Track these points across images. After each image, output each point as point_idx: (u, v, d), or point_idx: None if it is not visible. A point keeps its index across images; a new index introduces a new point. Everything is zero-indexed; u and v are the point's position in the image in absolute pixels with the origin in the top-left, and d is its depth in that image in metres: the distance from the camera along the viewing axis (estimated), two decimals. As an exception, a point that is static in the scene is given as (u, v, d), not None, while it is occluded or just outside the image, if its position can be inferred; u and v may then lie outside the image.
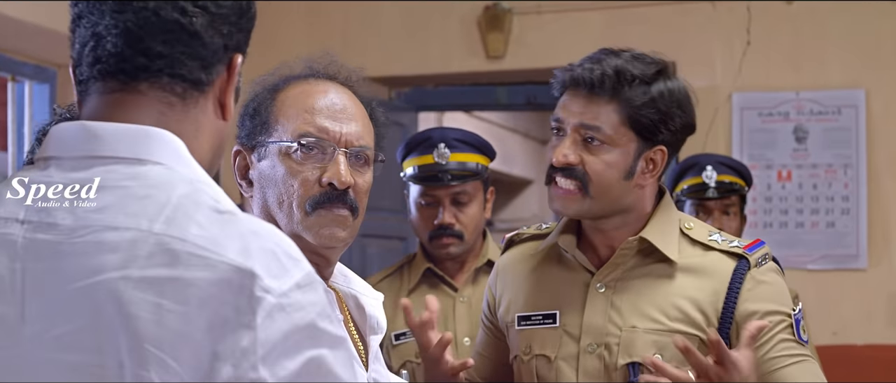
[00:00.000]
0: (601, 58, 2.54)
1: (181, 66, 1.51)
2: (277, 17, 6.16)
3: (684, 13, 5.88)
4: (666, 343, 2.51)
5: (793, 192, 5.81)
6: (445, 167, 3.71)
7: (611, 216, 2.57)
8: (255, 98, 2.18)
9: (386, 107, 6.66)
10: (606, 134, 2.50)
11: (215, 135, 1.58)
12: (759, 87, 5.81)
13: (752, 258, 2.54)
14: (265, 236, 1.42)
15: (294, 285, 1.39)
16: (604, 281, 2.59)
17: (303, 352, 1.37)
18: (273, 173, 2.14)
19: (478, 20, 6.08)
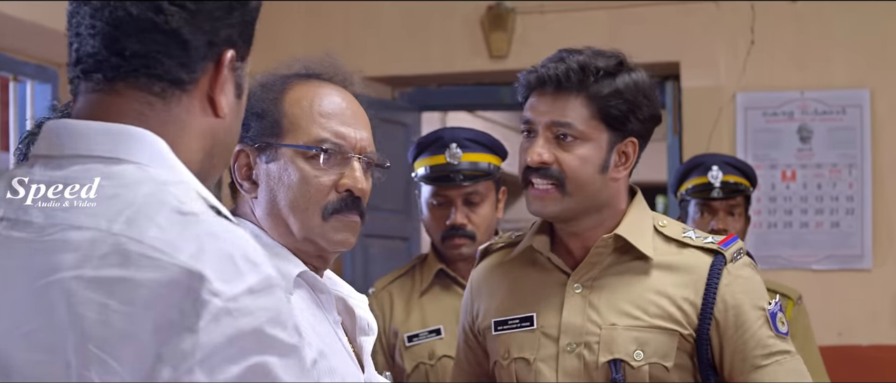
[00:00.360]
0: (563, 56, 2.57)
1: (158, 65, 1.50)
2: (278, 17, 6.16)
3: (688, 13, 5.87)
4: (647, 339, 2.53)
5: (797, 192, 5.81)
6: (457, 167, 3.70)
7: (587, 214, 2.59)
8: (259, 98, 2.16)
9: (388, 108, 6.68)
10: (578, 129, 2.53)
11: (206, 133, 1.56)
12: (764, 87, 5.81)
13: (727, 253, 2.56)
14: (224, 239, 1.40)
15: (246, 290, 1.37)
16: (580, 280, 2.61)
17: (248, 358, 1.35)
18: (286, 176, 2.13)
19: (481, 20, 6.08)
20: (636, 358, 2.53)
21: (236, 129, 1.63)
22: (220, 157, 1.61)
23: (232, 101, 1.59)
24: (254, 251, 1.41)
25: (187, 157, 1.53)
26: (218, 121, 1.57)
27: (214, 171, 1.62)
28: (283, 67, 2.22)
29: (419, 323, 3.76)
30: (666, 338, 2.53)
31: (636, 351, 2.53)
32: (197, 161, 1.55)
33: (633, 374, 2.53)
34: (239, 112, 1.62)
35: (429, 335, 3.73)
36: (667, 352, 2.53)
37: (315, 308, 2.14)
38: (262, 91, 2.16)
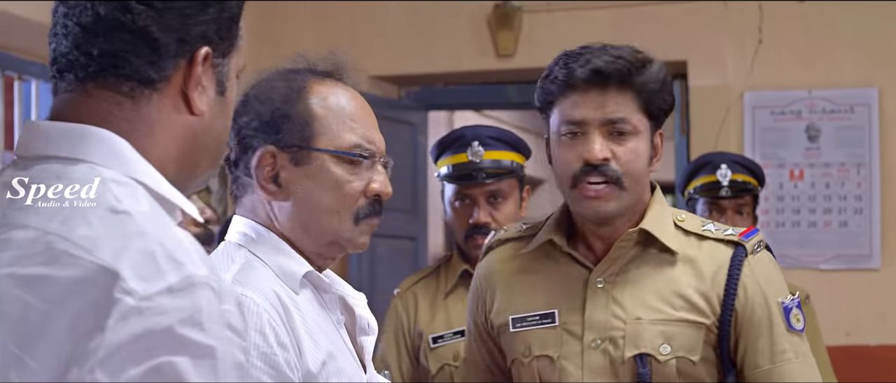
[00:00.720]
0: (595, 52, 2.54)
1: (126, 64, 1.50)
2: (284, 17, 6.17)
3: (695, 11, 5.87)
4: (673, 332, 2.51)
5: (805, 192, 5.80)
6: (480, 165, 3.68)
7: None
8: (283, 100, 2.14)
9: (395, 107, 6.68)
10: (631, 123, 2.51)
11: (181, 132, 1.56)
12: (771, 86, 5.80)
13: (748, 245, 2.55)
14: (151, 237, 1.39)
15: (164, 288, 1.35)
16: (603, 275, 2.58)
17: (154, 358, 1.32)
18: (320, 180, 2.13)
19: (488, 18, 6.08)
20: (663, 352, 2.51)
21: (221, 127, 1.62)
22: (204, 155, 1.61)
23: (212, 99, 1.58)
24: (180, 250, 1.39)
25: (159, 156, 1.53)
26: (196, 119, 1.57)
27: (199, 170, 1.62)
28: (287, 63, 2.21)
29: (444, 324, 3.74)
30: (693, 331, 2.52)
31: (663, 345, 2.51)
32: (172, 159, 1.55)
33: (659, 369, 2.51)
34: (224, 109, 1.62)
35: (454, 336, 3.70)
36: (693, 346, 2.52)
37: (320, 308, 2.14)
38: (283, 91, 2.14)
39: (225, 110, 1.62)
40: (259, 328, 1.96)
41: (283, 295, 2.04)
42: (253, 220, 2.16)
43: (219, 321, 1.38)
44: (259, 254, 2.11)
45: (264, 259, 2.10)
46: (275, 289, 2.03)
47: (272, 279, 2.06)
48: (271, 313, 1.98)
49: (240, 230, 2.16)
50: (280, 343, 1.97)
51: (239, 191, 2.19)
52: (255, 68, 2.22)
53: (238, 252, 2.12)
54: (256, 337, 1.95)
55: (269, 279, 2.06)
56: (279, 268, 2.09)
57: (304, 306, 2.07)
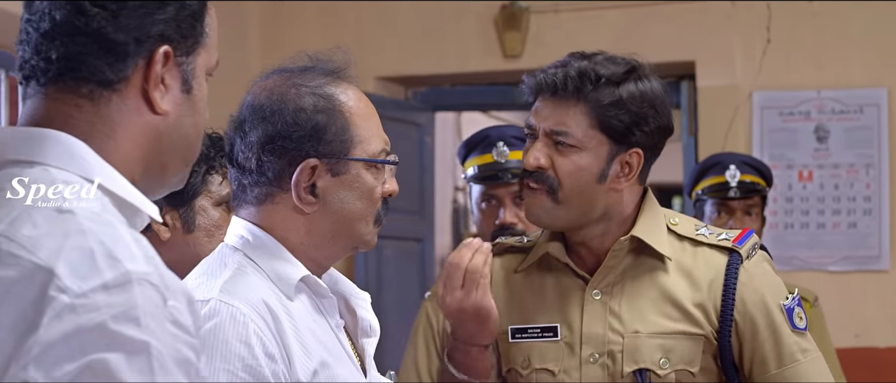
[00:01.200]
0: (568, 61, 2.53)
1: (83, 67, 1.52)
2: (290, 18, 6.17)
3: (704, 11, 5.87)
4: (672, 346, 2.50)
5: (814, 193, 5.79)
6: (505, 165, 3.68)
7: (588, 224, 2.55)
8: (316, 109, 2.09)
9: (402, 108, 6.68)
10: (575, 137, 2.48)
11: (144, 132, 1.57)
12: (780, 86, 5.80)
13: (743, 251, 2.53)
14: (91, 235, 1.39)
15: (99, 286, 1.35)
16: (599, 287, 2.56)
17: (87, 355, 1.32)
18: (355, 188, 2.11)
19: (495, 19, 6.08)
20: (662, 366, 2.50)
21: (190, 125, 1.62)
22: (172, 155, 1.62)
23: (177, 97, 1.59)
24: (124, 248, 1.40)
25: (122, 157, 1.54)
26: (159, 119, 1.57)
27: (168, 169, 1.63)
28: (291, 62, 2.19)
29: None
30: (691, 344, 2.50)
31: (662, 360, 2.49)
32: (136, 159, 1.56)
33: (659, 381, 2.50)
34: (192, 107, 1.62)
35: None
36: (692, 358, 2.50)
37: (317, 314, 2.11)
38: (313, 100, 2.10)
39: (193, 108, 1.63)
40: (244, 339, 1.93)
41: (273, 303, 2.01)
42: (253, 224, 2.12)
43: (158, 317, 1.37)
44: (255, 258, 2.08)
45: (260, 263, 2.08)
46: (264, 298, 2.00)
47: (264, 286, 2.04)
48: (259, 323, 1.96)
49: (238, 232, 2.13)
50: (267, 354, 1.94)
51: (249, 197, 2.13)
52: (264, 69, 2.20)
53: (233, 256, 2.09)
54: (242, 348, 1.92)
55: (260, 286, 2.03)
56: (274, 272, 2.07)
57: (297, 313, 2.05)
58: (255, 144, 2.08)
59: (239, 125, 2.11)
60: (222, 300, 1.96)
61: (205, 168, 2.53)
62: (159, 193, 1.67)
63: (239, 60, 5.83)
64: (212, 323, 1.93)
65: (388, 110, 6.15)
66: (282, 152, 2.07)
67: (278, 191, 2.10)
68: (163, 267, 1.44)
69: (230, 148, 2.14)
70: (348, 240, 2.14)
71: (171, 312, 1.39)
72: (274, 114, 2.08)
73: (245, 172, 2.12)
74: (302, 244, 2.11)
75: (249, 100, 2.12)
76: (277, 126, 2.08)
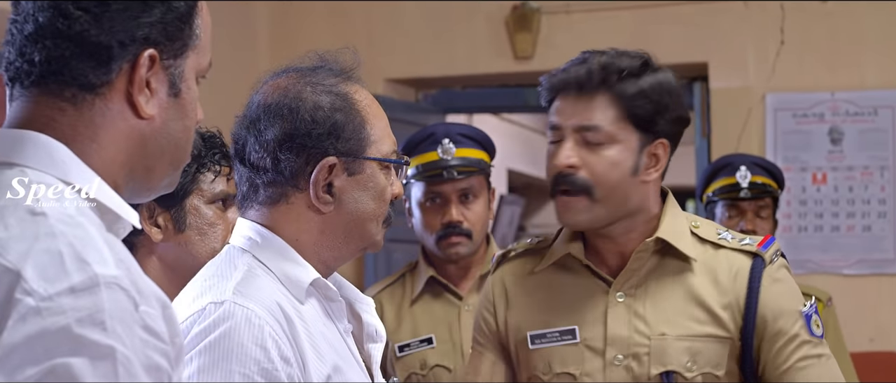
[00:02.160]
0: (585, 57, 2.55)
1: (66, 70, 1.51)
2: (299, 18, 6.18)
3: (716, 12, 5.86)
4: (699, 348, 2.51)
5: (828, 195, 5.79)
6: (450, 163, 3.65)
7: (620, 220, 2.54)
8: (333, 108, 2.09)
9: (412, 110, 6.67)
10: (605, 131, 2.49)
11: (128, 136, 1.55)
12: (794, 88, 5.79)
13: (766, 256, 2.55)
14: (61, 237, 1.38)
15: (66, 289, 1.33)
16: (622, 288, 2.56)
17: (51, 359, 1.30)
18: (369, 188, 2.12)
19: (506, 20, 6.08)
20: (689, 368, 2.50)
21: (178, 128, 1.61)
22: (158, 159, 1.60)
23: (164, 101, 1.57)
24: (95, 251, 1.38)
25: (104, 160, 1.53)
26: (145, 123, 1.56)
27: (155, 174, 1.61)
28: (299, 62, 2.18)
29: (410, 332, 3.72)
30: (718, 347, 2.52)
31: (689, 362, 2.50)
32: (119, 164, 1.55)
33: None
34: (180, 110, 1.60)
35: (420, 344, 3.69)
36: (719, 361, 2.52)
37: (325, 318, 2.11)
38: (330, 99, 2.10)
39: (182, 112, 1.61)
40: (260, 342, 1.92)
41: (286, 306, 2.01)
42: (260, 224, 2.12)
43: (127, 322, 1.35)
44: (263, 259, 2.07)
45: (269, 265, 2.07)
46: (278, 301, 2.00)
47: (275, 288, 2.03)
48: (274, 326, 1.95)
49: (244, 234, 2.12)
50: (283, 357, 1.94)
51: (261, 197, 2.12)
52: (273, 69, 2.20)
53: (242, 257, 2.08)
54: (257, 351, 1.92)
55: (273, 289, 2.03)
56: (285, 275, 2.06)
57: (308, 317, 2.05)
58: (272, 142, 2.07)
59: (252, 124, 2.10)
60: (237, 302, 1.95)
61: (195, 166, 2.51)
62: (148, 197, 1.66)
63: (247, 61, 5.85)
64: (226, 326, 1.92)
65: (398, 112, 6.15)
66: (300, 150, 2.07)
67: (293, 191, 2.09)
68: (137, 271, 1.42)
69: (241, 147, 2.12)
70: (360, 240, 2.14)
71: (142, 317, 1.37)
72: (292, 111, 2.08)
73: (259, 172, 2.10)
74: (315, 244, 2.10)
75: (260, 100, 2.11)
76: (296, 124, 2.07)
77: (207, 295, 1.98)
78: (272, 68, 2.20)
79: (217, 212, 2.56)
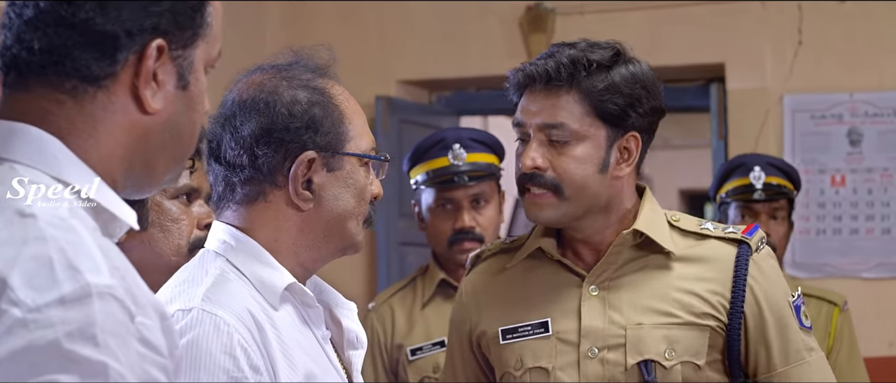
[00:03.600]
0: (553, 51, 2.51)
1: (68, 60, 1.43)
2: (310, 19, 6.19)
3: (733, 12, 5.86)
4: (677, 336, 2.49)
5: (847, 198, 5.77)
6: (461, 168, 3.67)
7: (591, 217, 2.53)
8: (311, 103, 2.07)
9: (426, 112, 6.66)
10: (571, 129, 2.46)
11: (130, 131, 1.48)
12: (812, 89, 5.78)
13: (751, 242, 2.53)
14: (51, 242, 1.31)
15: (56, 299, 1.26)
16: (596, 282, 2.54)
17: (38, 376, 1.23)
18: (349, 185, 2.09)
19: (520, 21, 6.08)
20: (668, 357, 2.48)
21: (184, 122, 1.54)
22: (161, 154, 1.54)
23: (171, 94, 1.51)
24: (87, 257, 1.31)
25: (101, 155, 1.46)
26: (149, 117, 1.48)
27: (157, 169, 1.55)
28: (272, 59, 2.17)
29: (422, 335, 3.75)
30: (697, 334, 2.49)
31: (667, 351, 2.48)
32: (118, 158, 1.48)
33: (664, 375, 2.48)
34: (188, 103, 1.54)
35: (433, 347, 3.72)
36: (698, 350, 2.49)
37: (302, 324, 2.07)
38: (307, 93, 2.08)
39: (189, 104, 1.54)
40: (229, 350, 1.89)
41: (257, 313, 1.97)
42: (234, 227, 2.08)
43: (121, 335, 1.28)
44: (237, 263, 2.04)
45: (242, 269, 2.03)
46: (248, 307, 1.96)
47: (248, 294, 1.99)
48: (243, 334, 1.91)
49: (219, 237, 2.08)
50: (252, 366, 1.90)
51: (238, 196, 2.09)
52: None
53: (215, 262, 2.04)
54: (226, 359, 1.88)
55: (244, 295, 1.99)
56: (258, 279, 2.03)
57: (281, 324, 2.01)
58: (248, 138, 2.05)
59: (227, 121, 2.07)
60: (205, 309, 1.92)
61: None
62: (150, 191, 1.60)
63: (259, 62, 5.84)
64: (194, 334, 1.89)
65: (411, 115, 6.17)
66: (278, 145, 2.04)
67: (271, 188, 2.06)
68: (134, 280, 1.36)
69: (216, 145, 2.09)
70: (339, 240, 2.11)
71: (138, 330, 1.31)
72: (268, 106, 2.05)
73: (235, 169, 2.07)
74: (293, 244, 2.07)
75: (235, 96, 2.09)
76: (273, 118, 2.04)
77: (176, 302, 1.95)
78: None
79: (181, 207, 2.51)
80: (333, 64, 2.17)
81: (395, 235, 6.00)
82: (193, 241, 2.49)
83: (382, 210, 5.94)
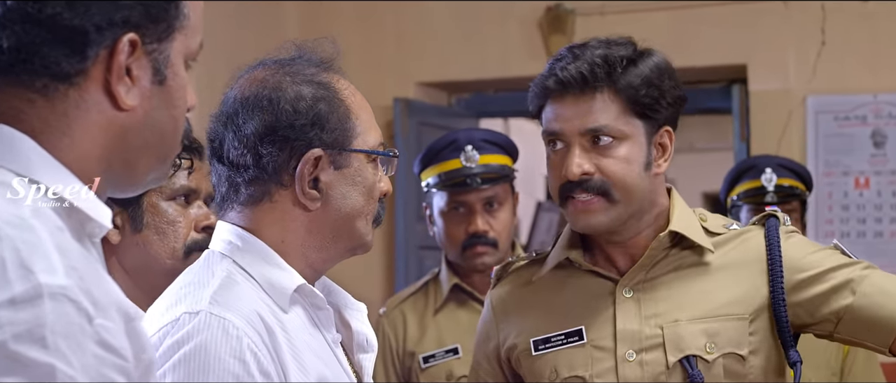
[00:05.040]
0: (576, 53, 2.46)
1: (36, 58, 1.40)
2: (329, 20, 6.20)
3: (755, 13, 5.86)
4: (716, 329, 2.46)
5: (871, 200, 5.76)
6: (473, 170, 3.62)
7: (635, 218, 2.50)
8: (316, 98, 2.02)
9: (445, 115, 6.65)
10: (614, 128, 2.44)
11: (106, 129, 1.45)
12: (835, 90, 5.77)
13: (778, 216, 2.54)
14: (6, 241, 1.29)
15: (6, 300, 1.24)
16: (630, 284, 2.52)
17: None
18: (357, 183, 2.06)
19: (539, 22, 6.08)
20: (710, 350, 2.45)
21: (164, 118, 1.51)
22: (142, 153, 1.51)
23: (147, 89, 1.48)
24: (42, 257, 1.29)
25: (77, 155, 1.44)
26: (125, 115, 1.46)
27: (139, 169, 1.52)
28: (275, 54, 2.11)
29: (435, 342, 3.72)
30: (737, 325, 2.46)
31: (708, 344, 2.45)
32: (95, 158, 1.46)
33: (707, 369, 2.45)
34: (166, 99, 1.51)
35: (446, 355, 3.68)
36: (740, 340, 2.46)
37: (311, 327, 2.04)
38: (312, 89, 2.03)
39: (168, 100, 1.51)
40: (238, 355, 1.84)
41: (267, 316, 1.93)
42: (241, 227, 2.05)
43: (74, 337, 1.26)
44: (244, 265, 2.00)
45: (250, 271, 2.00)
46: (257, 310, 1.93)
47: (256, 296, 1.96)
48: (253, 337, 1.88)
49: (224, 237, 2.04)
50: (262, 370, 1.87)
51: (242, 197, 2.05)
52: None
53: (221, 263, 2.00)
54: (235, 364, 1.84)
55: (253, 297, 1.95)
56: (267, 281, 2.00)
57: (292, 327, 1.98)
58: (252, 137, 2.00)
59: (229, 119, 2.03)
60: (213, 312, 1.88)
61: None
62: (132, 192, 1.58)
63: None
64: (202, 338, 1.85)
65: (430, 117, 6.17)
66: (283, 143, 2.00)
67: (277, 188, 2.03)
68: (94, 281, 1.33)
69: (219, 145, 2.05)
70: (348, 240, 2.07)
71: (97, 332, 1.29)
72: (272, 103, 2.01)
73: (239, 169, 2.03)
74: (301, 245, 2.04)
75: (237, 94, 2.04)
76: (277, 115, 2.00)
77: (182, 305, 1.91)
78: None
79: (178, 209, 2.47)
80: (338, 57, 2.12)
81: (413, 239, 6.01)
82: (190, 244, 2.45)
83: (401, 213, 5.95)
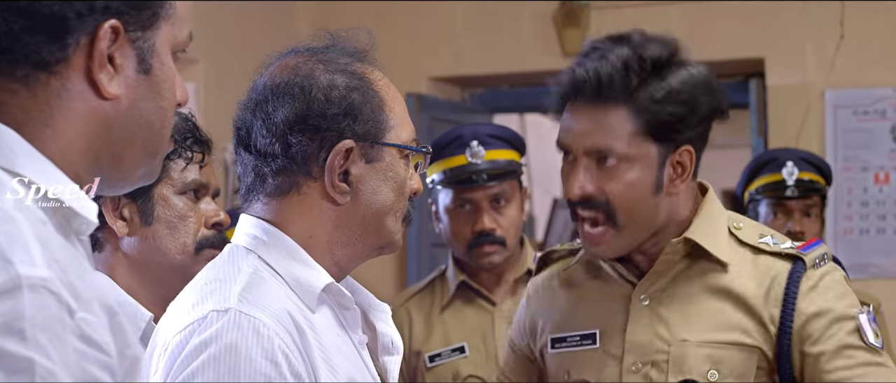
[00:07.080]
0: (603, 50, 2.38)
1: (15, 47, 1.37)
2: (341, 16, 6.19)
3: (773, 6, 5.87)
4: (722, 356, 2.41)
5: (891, 196, 5.76)
6: (480, 167, 3.57)
7: (653, 235, 2.44)
8: (349, 88, 1.97)
9: (458, 110, 6.65)
10: (619, 151, 2.36)
11: (89, 119, 1.42)
12: (854, 84, 5.78)
13: (808, 258, 2.41)
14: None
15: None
16: (647, 292, 2.47)
17: None
18: (389, 178, 2.00)
19: (553, 16, 6.09)
20: (710, 378, 2.40)
21: (151, 109, 1.48)
22: (128, 145, 1.48)
23: (132, 78, 1.45)
24: (21, 248, 1.27)
25: (61, 147, 1.41)
26: (109, 104, 1.43)
27: (125, 162, 1.49)
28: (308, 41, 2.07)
29: (441, 341, 3.69)
30: (744, 355, 2.41)
31: (710, 371, 2.40)
32: (80, 150, 1.43)
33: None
34: (152, 89, 1.48)
35: (452, 354, 3.66)
36: (744, 371, 2.40)
37: (339, 327, 2.00)
38: (345, 78, 1.98)
39: (155, 90, 1.48)
40: (270, 356, 1.80)
41: (296, 315, 1.89)
42: (265, 221, 2.00)
43: (53, 330, 1.24)
44: (270, 261, 1.96)
45: (276, 267, 1.95)
46: (288, 309, 1.88)
47: (284, 295, 1.92)
48: (284, 338, 1.84)
49: (248, 231, 1.99)
50: (293, 372, 1.82)
51: (268, 188, 2.00)
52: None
53: (246, 259, 1.96)
54: (267, 366, 1.80)
55: (281, 295, 1.91)
56: (294, 279, 1.95)
57: (320, 327, 1.93)
58: (282, 125, 1.95)
59: (257, 106, 1.98)
60: (242, 310, 1.84)
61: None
62: (122, 188, 1.54)
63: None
64: (232, 337, 1.81)
65: (443, 112, 6.18)
66: (314, 132, 1.95)
67: (306, 179, 1.97)
68: (78, 273, 1.31)
69: (245, 133, 2.00)
70: (377, 237, 2.02)
71: (78, 326, 1.26)
72: (303, 90, 1.96)
73: (267, 159, 1.98)
74: (329, 241, 1.99)
75: (267, 81, 2.00)
76: (309, 103, 1.96)
77: (209, 302, 1.87)
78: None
79: (188, 204, 2.43)
80: (373, 48, 2.07)
81: (426, 236, 6.01)
82: (201, 240, 2.43)
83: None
